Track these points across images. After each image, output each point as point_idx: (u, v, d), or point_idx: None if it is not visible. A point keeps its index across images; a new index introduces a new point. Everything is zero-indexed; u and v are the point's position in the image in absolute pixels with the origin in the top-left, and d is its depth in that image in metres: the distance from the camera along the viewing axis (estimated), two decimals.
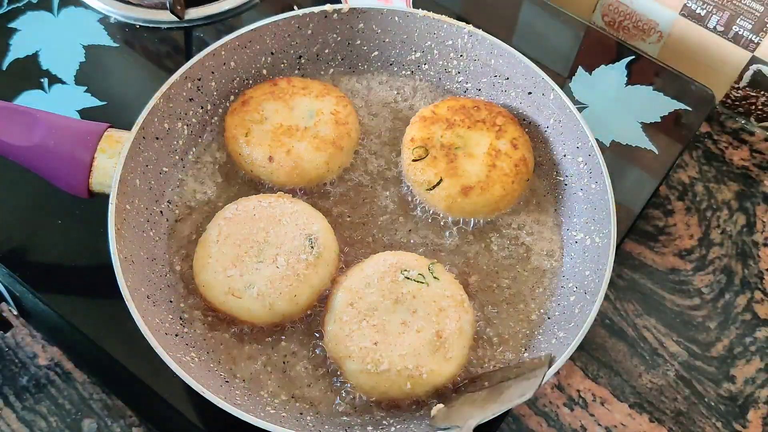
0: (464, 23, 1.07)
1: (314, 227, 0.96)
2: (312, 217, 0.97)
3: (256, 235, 0.93)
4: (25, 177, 0.99)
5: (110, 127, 0.96)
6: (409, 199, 1.05)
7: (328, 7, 1.08)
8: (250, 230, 0.94)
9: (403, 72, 1.15)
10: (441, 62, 1.13)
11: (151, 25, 1.26)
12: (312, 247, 0.93)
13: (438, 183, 1.00)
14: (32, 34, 1.25)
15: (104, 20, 1.27)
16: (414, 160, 1.02)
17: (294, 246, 0.93)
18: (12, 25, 1.25)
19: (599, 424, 0.98)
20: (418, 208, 1.04)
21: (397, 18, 1.09)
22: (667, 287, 1.09)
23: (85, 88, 1.18)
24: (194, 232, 0.99)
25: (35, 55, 1.22)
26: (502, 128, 1.04)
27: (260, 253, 0.92)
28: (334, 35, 1.11)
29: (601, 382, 1.01)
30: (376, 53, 1.14)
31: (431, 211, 1.04)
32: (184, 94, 1.01)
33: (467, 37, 1.08)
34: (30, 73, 1.19)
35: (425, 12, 1.08)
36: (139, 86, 1.20)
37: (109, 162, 0.93)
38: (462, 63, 1.11)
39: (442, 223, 1.03)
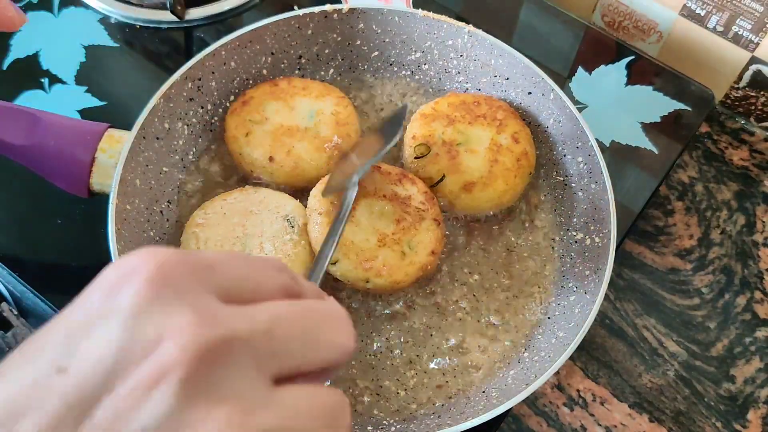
0: (464, 23, 1.08)
1: (288, 208, 0.96)
2: (282, 200, 0.97)
3: (233, 231, 0.93)
4: (25, 177, 0.99)
5: (110, 127, 0.96)
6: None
7: (328, 7, 1.08)
8: (226, 228, 0.94)
9: (403, 72, 1.15)
10: (441, 62, 1.13)
11: (151, 26, 1.26)
12: (293, 226, 0.94)
13: (441, 180, 1.00)
14: (32, 34, 1.25)
15: (104, 20, 1.27)
16: (416, 158, 1.02)
17: (275, 230, 0.94)
18: None
19: (599, 424, 0.98)
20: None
21: (397, 18, 1.09)
22: (667, 287, 1.09)
23: (86, 88, 1.19)
24: None
25: (36, 55, 1.22)
26: (502, 123, 1.04)
27: (245, 246, 0.92)
28: (334, 35, 1.11)
29: (601, 382, 1.01)
30: (376, 53, 1.14)
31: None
32: (185, 94, 1.01)
33: (467, 37, 1.08)
34: (30, 73, 1.20)
35: (425, 12, 1.08)
36: (139, 86, 1.20)
37: (110, 162, 0.93)
38: (462, 63, 1.11)
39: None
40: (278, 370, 0.43)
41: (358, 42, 1.13)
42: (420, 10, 1.08)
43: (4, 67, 1.20)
